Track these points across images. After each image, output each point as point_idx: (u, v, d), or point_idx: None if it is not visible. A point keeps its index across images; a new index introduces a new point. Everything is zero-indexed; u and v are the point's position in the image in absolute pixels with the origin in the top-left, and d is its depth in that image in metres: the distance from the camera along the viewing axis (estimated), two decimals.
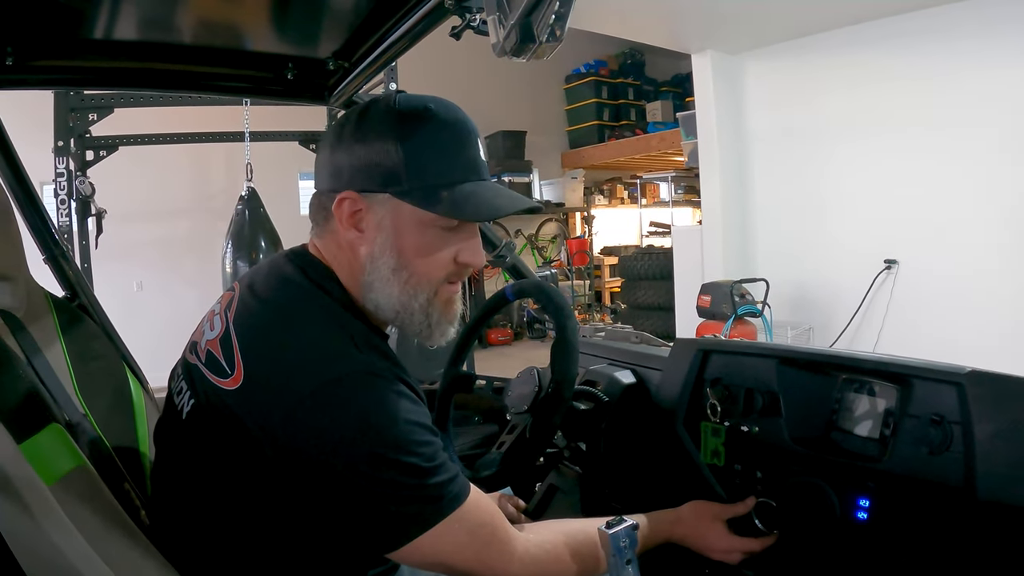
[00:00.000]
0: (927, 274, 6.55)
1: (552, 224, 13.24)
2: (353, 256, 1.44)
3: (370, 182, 1.38)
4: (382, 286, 1.42)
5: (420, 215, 1.38)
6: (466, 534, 1.29)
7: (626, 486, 2.10)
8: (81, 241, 5.86)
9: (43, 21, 1.73)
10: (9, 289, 1.58)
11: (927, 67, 6.40)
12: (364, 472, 1.21)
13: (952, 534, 1.43)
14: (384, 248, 1.40)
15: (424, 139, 1.39)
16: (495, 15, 1.16)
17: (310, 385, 1.24)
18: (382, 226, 1.40)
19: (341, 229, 1.42)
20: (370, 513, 1.24)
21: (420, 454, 1.25)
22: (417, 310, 1.44)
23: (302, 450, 1.22)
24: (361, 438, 1.22)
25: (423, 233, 1.40)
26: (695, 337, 2.28)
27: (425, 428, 1.30)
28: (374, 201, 1.39)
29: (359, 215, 1.40)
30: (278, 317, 1.36)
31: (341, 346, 1.31)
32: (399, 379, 1.32)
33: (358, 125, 1.41)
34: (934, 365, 1.54)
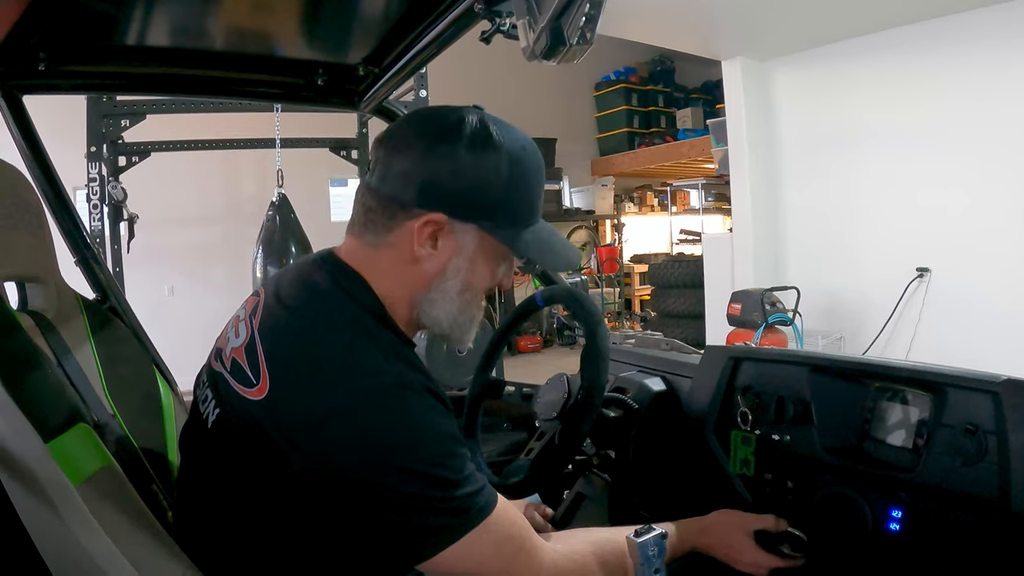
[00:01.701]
0: (960, 282, 6.48)
1: (582, 231, 13.21)
2: (414, 270, 1.43)
3: (465, 211, 1.40)
4: (446, 304, 1.45)
5: (497, 248, 1.46)
6: (493, 545, 1.28)
7: (655, 494, 2.09)
8: (113, 245, 5.91)
9: (75, 27, 1.75)
10: (40, 291, 1.60)
11: (960, 72, 6.33)
12: (392, 485, 1.20)
13: (986, 547, 1.41)
14: (457, 270, 1.43)
15: (522, 182, 1.44)
16: (525, 19, 1.16)
17: (339, 397, 1.23)
18: (461, 251, 1.43)
19: (412, 243, 1.40)
20: (397, 525, 1.23)
21: (449, 466, 1.25)
22: (465, 322, 1.49)
23: (329, 463, 1.22)
24: (390, 451, 1.21)
25: (494, 263, 1.49)
26: (726, 344, 2.26)
27: (454, 440, 1.29)
28: (459, 227, 1.41)
29: (439, 234, 1.40)
30: (305, 325, 1.34)
31: (370, 356, 1.29)
32: (428, 390, 1.31)
33: (457, 145, 1.38)
34: (969, 373, 1.52)
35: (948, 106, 6.44)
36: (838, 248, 7.42)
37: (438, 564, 1.25)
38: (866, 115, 7.09)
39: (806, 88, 7.63)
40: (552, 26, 1.08)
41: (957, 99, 6.37)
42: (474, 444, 1.99)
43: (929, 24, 6.45)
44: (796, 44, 7.41)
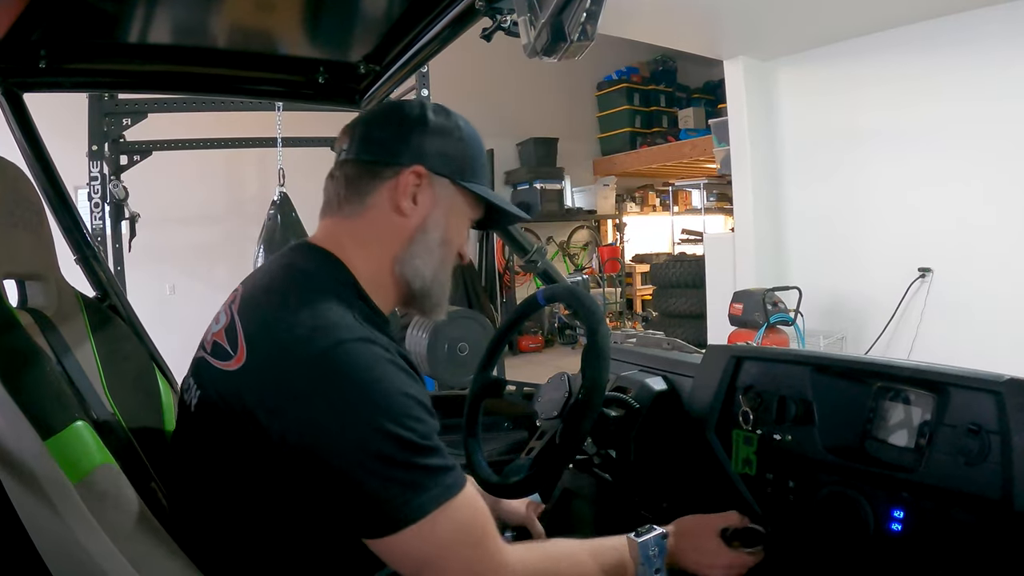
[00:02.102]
0: (962, 283, 6.48)
1: (584, 231, 13.22)
2: (397, 226, 1.53)
3: (439, 165, 1.54)
4: (428, 256, 1.56)
5: (467, 206, 1.61)
6: (455, 531, 1.26)
7: (656, 494, 2.09)
8: (114, 244, 5.91)
9: (76, 24, 1.74)
10: (41, 288, 1.60)
11: (962, 72, 6.34)
12: (356, 440, 1.21)
13: (989, 547, 1.41)
14: (436, 224, 1.55)
15: (476, 145, 1.62)
16: (526, 16, 1.15)
17: (307, 353, 1.26)
18: (439, 204, 1.55)
19: (395, 199, 1.51)
20: (359, 489, 1.22)
21: (414, 430, 1.25)
22: (444, 281, 1.63)
23: (298, 419, 1.23)
24: (355, 406, 1.23)
25: (462, 224, 1.63)
26: (727, 344, 2.26)
27: (421, 405, 1.29)
28: (438, 184, 1.54)
29: (419, 189, 1.52)
30: (279, 298, 1.39)
31: (340, 318, 1.33)
32: (401, 355, 1.35)
33: (426, 112, 1.56)
34: (971, 373, 1.51)
35: (951, 106, 6.44)
36: (840, 248, 7.42)
37: (395, 544, 1.23)
38: (868, 115, 7.09)
39: (808, 88, 7.63)
40: (553, 22, 1.08)
41: (960, 99, 6.37)
42: (475, 443, 1.98)
43: (932, 24, 6.46)
44: (798, 44, 7.41)
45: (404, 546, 1.23)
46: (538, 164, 11.93)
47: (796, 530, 1.76)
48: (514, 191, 12.13)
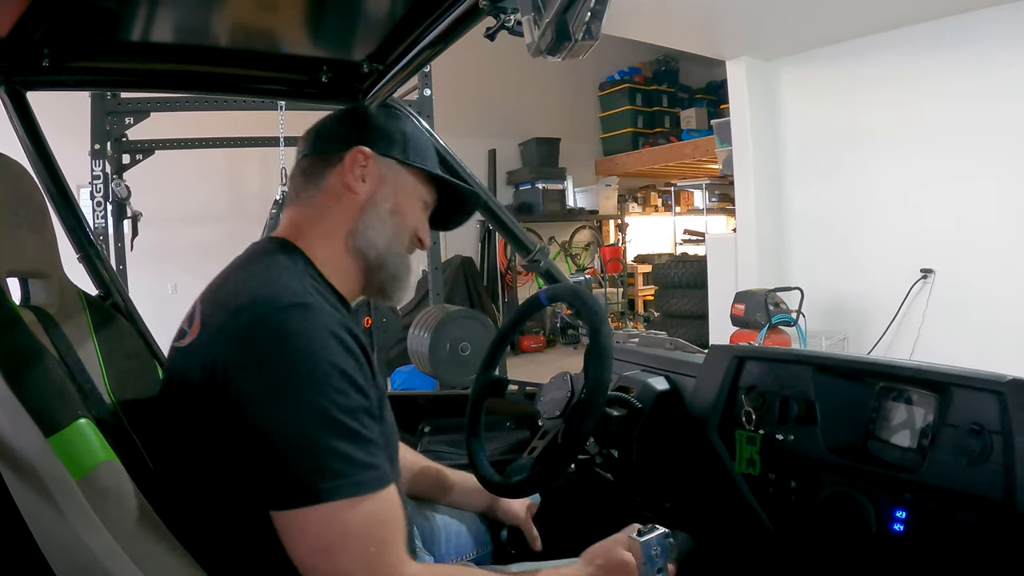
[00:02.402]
0: (964, 284, 6.48)
1: (586, 232, 13.21)
2: (349, 204, 1.61)
3: (384, 146, 1.64)
4: (379, 225, 1.62)
5: (413, 184, 1.69)
6: (360, 526, 1.24)
7: (658, 494, 2.09)
8: (116, 243, 5.91)
9: (79, 23, 1.74)
10: (43, 286, 1.60)
11: (965, 73, 6.34)
12: (281, 407, 1.24)
13: (991, 548, 1.41)
14: (385, 198, 1.63)
15: (422, 137, 1.75)
16: (530, 15, 1.15)
17: (247, 320, 1.31)
18: (386, 181, 1.63)
19: (347, 178, 1.60)
20: (273, 453, 1.23)
21: (336, 402, 1.25)
22: (398, 255, 1.66)
23: (236, 386, 1.26)
24: (283, 373, 1.25)
25: (412, 202, 1.69)
26: (730, 344, 2.26)
27: (348, 379, 1.29)
28: (382, 163, 1.63)
29: (366, 169, 1.61)
30: (233, 278, 1.49)
31: (284, 287, 1.38)
32: (346, 328, 1.35)
33: (370, 110, 1.76)
34: (974, 373, 1.51)
35: (953, 106, 6.44)
36: (842, 249, 7.42)
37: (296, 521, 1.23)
38: (871, 115, 7.09)
39: (811, 88, 7.63)
40: (558, 21, 1.08)
41: (962, 99, 6.37)
42: (477, 442, 1.98)
43: (934, 24, 6.45)
44: (801, 44, 7.41)
45: (304, 524, 1.22)
46: (540, 164, 11.93)
47: (798, 530, 1.76)
48: (516, 191, 12.14)
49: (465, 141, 10.63)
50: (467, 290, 10.96)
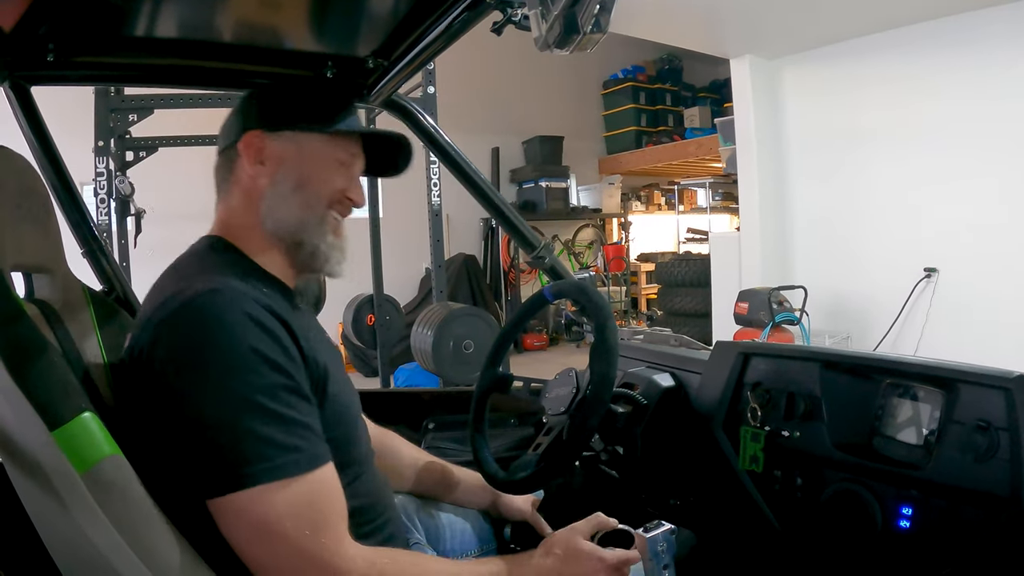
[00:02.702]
0: (968, 283, 6.47)
1: (589, 230, 13.21)
2: (254, 189, 1.59)
3: (274, 121, 1.60)
4: (280, 205, 1.58)
5: (320, 146, 1.61)
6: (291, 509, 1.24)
7: (663, 491, 2.09)
8: (120, 240, 5.92)
9: (84, 18, 1.74)
10: (47, 281, 1.60)
11: (969, 71, 6.33)
12: (202, 395, 1.25)
13: (997, 544, 1.40)
14: (288, 174, 1.58)
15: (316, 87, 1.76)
16: (537, 8, 1.15)
17: (167, 310, 1.33)
18: (286, 156, 1.59)
19: (246, 167, 1.59)
20: (199, 441, 1.24)
21: (252, 384, 1.25)
22: (314, 226, 1.60)
23: (163, 380, 1.28)
24: (198, 355, 1.27)
25: (324, 163, 1.62)
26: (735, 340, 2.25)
27: (265, 360, 1.29)
28: (279, 139, 1.59)
29: (264, 152, 1.58)
30: (166, 273, 1.52)
31: (208, 275, 1.41)
32: (265, 308, 1.36)
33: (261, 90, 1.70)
34: (981, 370, 1.51)
35: (956, 105, 6.43)
36: (846, 247, 7.41)
37: (225, 506, 1.23)
38: (875, 114, 7.08)
39: (815, 87, 7.62)
40: (566, 15, 1.08)
41: (966, 98, 6.36)
42: (481, 439, 1.98)
43: (937, 23, 6.44)
44: (805, 43, 7.40)
45: (233, 511, 1.23)
46: (544, 162, 11.93)
47: (804, 527, 1.75)
48: (520, 189, 12.15)
49: (469, 139, 10.64)
50: (470, 288, 10.99)
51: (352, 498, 1.45)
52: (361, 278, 7.65)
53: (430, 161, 6.10)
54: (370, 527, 1.57)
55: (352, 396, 1.68)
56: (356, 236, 1.60)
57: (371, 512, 1.59)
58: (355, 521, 1.47)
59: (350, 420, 1.60)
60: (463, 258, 11.16)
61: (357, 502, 1.52)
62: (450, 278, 10.13)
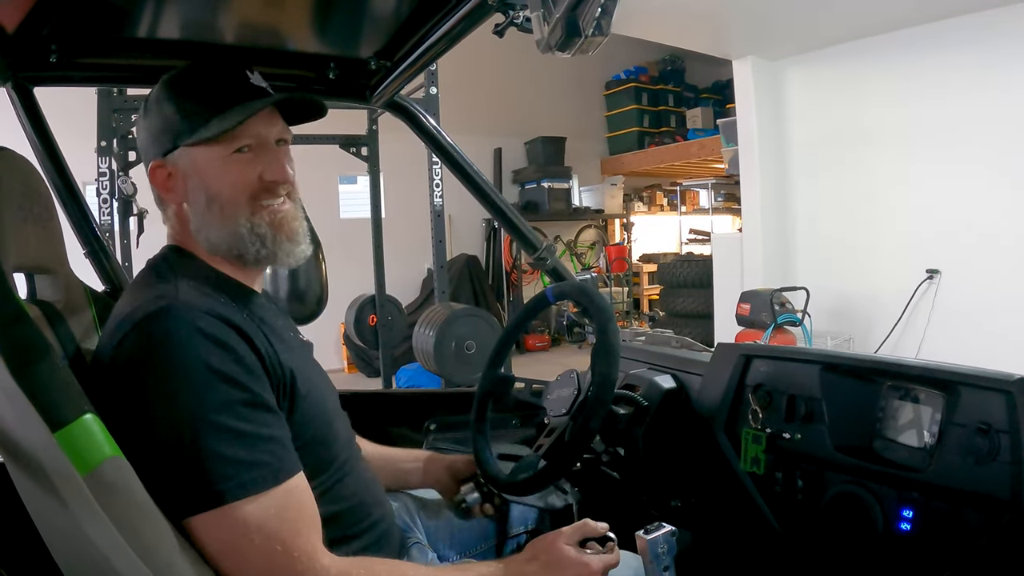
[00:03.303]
0: (970, 284, 6.46)
1: (591, 231, 13.21)
2: (180, 214, 1.58)
3: (164, 144, 1.55)
4: (205, 224, 1.54)
5: (211, 152, 1.52)
6: (258, 522, 1.24)
7: (664, 492, 2.09)
8: (123, 240, 5.92)
9: (87, 19, 1.75)
10: (49, 281, 1.60)
11: (972, 73, 6.32)
12: (154, 411, 1.25)
13: (998, 547, 1.40)
14: (196, 191, 1.54)
15: (189, 90, 1.56)
16: (539, 11, 1.15)
17: (121, 334, 1.33)
18: (188, 175, 1.54)
19: (164, 198, 1.59)
20: (164, 462, 1.24)
21: (206, 402, 1.25)
22: (245, 234, 1.54)
23: (124, 402, 1.28)
24: (153, 378, 1.27)
25: (222, 163, 1.53)
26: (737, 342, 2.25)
27: (219, 376, 1.29)
28: (176, 160, 1.55)
29: (171, 178, 1.56)
30: (128, 288, 1.55)
31: (159, 291, 1.40)
32: (219, 318, 1.35)
33: (144, 105, 1.60)
34: (982, 372, 1.51)
35: (959, 107, 6.42)
36: (848, 249, 7.41)
37: (195, 525, 1.23)
38: (877, 115, 7.08)
39: (817, 88, 7.62)
40: (567, 17, 1.08)
41: (969, 99, 6.35)
42: (483, 440, 1.98)
43: (941, 25, 6.44)
44: (807, 44, 7.40)
45: (204, 529, 1.23)
46: (546, 163, 11.92)
47: (805, 529, 1.76)
48: (522, 190, 12.14)
49: (471, 140, 10.65)
50: (472, 288, 10.99)
51: (335, 501, 1.46)
52: (363, 278, 7.66)
53: (432, 162, 6.10)
54: (357, 528, 1.57)
55: (327, 392, 1.67)
56: (358, 237, 1.60)
57: (358, 513, 1.59)
58: (342, 523, 1.48)
59: (325, 419, 1.58)
60: (465, 259, 11.16)
61: (341, 505, 1.53)
62: (452, 279, 10.14)
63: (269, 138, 1.58)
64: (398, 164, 8.74)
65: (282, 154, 1.61)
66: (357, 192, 10.09)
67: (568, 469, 1.75)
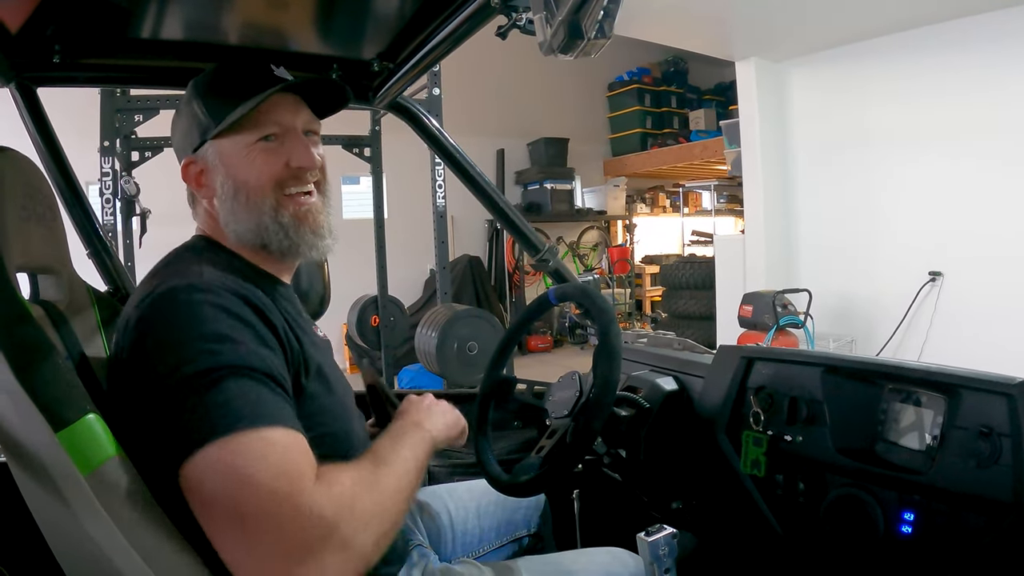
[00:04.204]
0: (972, 286, 6.46)
1: (594, 232, 13.21)
2: (210, 208, 1.62)
3: (193, 140, 1.60)
4: (232, 216, 1.57)
5: (236, 142, 1.56)
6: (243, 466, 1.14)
7: (666, 494, 2.09)
8: (125, 240, 5.91)
9: (90, 20, 1.75)
10: (53, 282, 1.60)
11: (975, 75, 6.32)
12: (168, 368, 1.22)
13: (999, 550, 1.40)
14: (224, 184, 1.58)
15: (215, 86, 1.60)
16: (542, 13, 1.15)
17: (145, 305, 1.33)
18: (217, 169, 1.58)
19: (197, 193, 1.64)
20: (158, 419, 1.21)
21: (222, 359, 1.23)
22: (269, 223, 1.57)
23: (143, 369, 1.26)
24: (170, 339, 1.26)
25: (248, 154, 1.56)
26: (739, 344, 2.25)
27: (237, 343, 1.27)
28: (205, 154, 1.59)
29: (202, 174, 1.61)
30: (147, 277, 1.50)
31: (185, 270, 1.42)
32: (245, 301, 1.36)
33: (178, 109, 1.66)
34: (983, 375, 1.51)
35: (963, 108, 6.42)
36: (850, 251, 7.41)
37: (184, 473, 1.15)
38: (880, 117, 7.08)
39: (820, 90, 7.62)
40: (570, 20, 1.08)
41: (972, 101, 6.36)
42: (485, 441, 1.98)
43: (944, 26, 6.44)
44: (810, 45, 7.40)
45: (206, 463, 1.14)
46: (549, 164, 11.93)
47: (806, 532, 1.76)
48: (525, 191, 12.15)
49: (474, 140, 10.65)
50: (474, 289, 10.99)
51: None
52: (366, 279, 7.65)
53: (435, 163, 6.10)
54: None
55: (348, 391, 1.68)
56: (361, 237, 1.60)
57: None
58: None
59: (347, 415, 1.60)
60: (467, 259, 11.17)
61: None
62: (454, 279, 10.14)
63: (295, 126, 1.61)
64: (401, 165, 8.73)
65: (310, 142, 1.64)
66: (360, 192, 10.07)
67: (570, 470, 1.75)
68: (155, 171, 6.48)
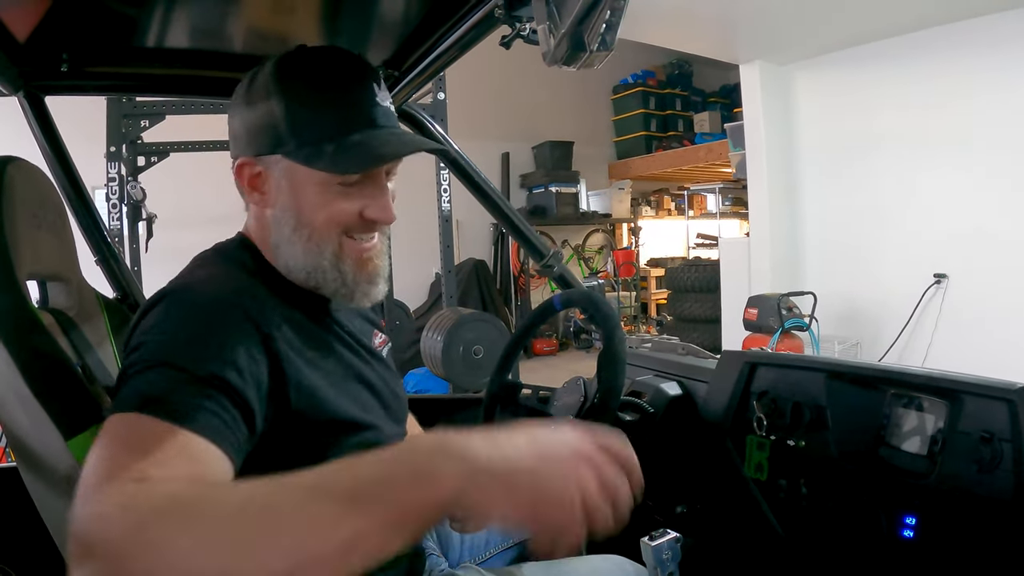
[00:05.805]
0: (977, 289, 6.46)
1: (599, 235, 13.19)
2: (262, 218, 1.46)
3: (260, 145, 1.40)
4: (287, 247, 1.42)
5: (313, 176, 1.37)
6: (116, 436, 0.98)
7: (670, 499, 2.09)
8: (132, 244, 5.93)
9: (97, 28, 1.76)
10: (63, 289, 1.61)
11: (979, 77, 6.32)
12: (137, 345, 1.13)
13: (1001, 554, 1.41)
14: (285, 208, 1.41)
15: (304, 94, 1.39)
16: (545, 24, 1.16)
17: (149, 301, 1.23)
18: (280, 187, 1.41)
19: (246, 194, 1.47)
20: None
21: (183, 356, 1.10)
22: (327, 268, 1.42)
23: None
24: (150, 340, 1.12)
25: (322, 191, 1.39)
26: (742, 349, 2.26)
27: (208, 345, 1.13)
28: (270, 163, 1.40)
29: (259, 179, 1.43)
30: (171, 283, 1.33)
31: (200, 274, 1.35)
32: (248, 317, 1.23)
33: (247, 87, 1.44)
34: (985, 381, 1.52)
35: (966, 111, 6.43)
36: (855, 253, 7.41)
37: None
38: (885, 120, 7.08)
39: (824, 92, 7.62)
40: (573, 32, 1.08)
41: (978, 104, 6.36)
42: None
43: (949, 28, 6.44)
44: (815, 48, 7.40)
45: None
46: (554, 167, 11.92)
47: (809, 536, 1.76)
48: (529, 194, 12.14)
49: (479, 144, 10.64)
50: (480, 293, 10.98)
51: None
52: None
53: (440, 167, 6.11)
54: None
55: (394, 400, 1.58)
56: None
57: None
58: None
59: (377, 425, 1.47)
60: (473, 263, 11.17)
61: None
62: (460, 283, 10.13)
63: (379, 174, 1.45)
64: (406, 169, 8.64)
65: (389, 191, 1.48)
66: None
67: None
68: (161, 176, 6.51)
